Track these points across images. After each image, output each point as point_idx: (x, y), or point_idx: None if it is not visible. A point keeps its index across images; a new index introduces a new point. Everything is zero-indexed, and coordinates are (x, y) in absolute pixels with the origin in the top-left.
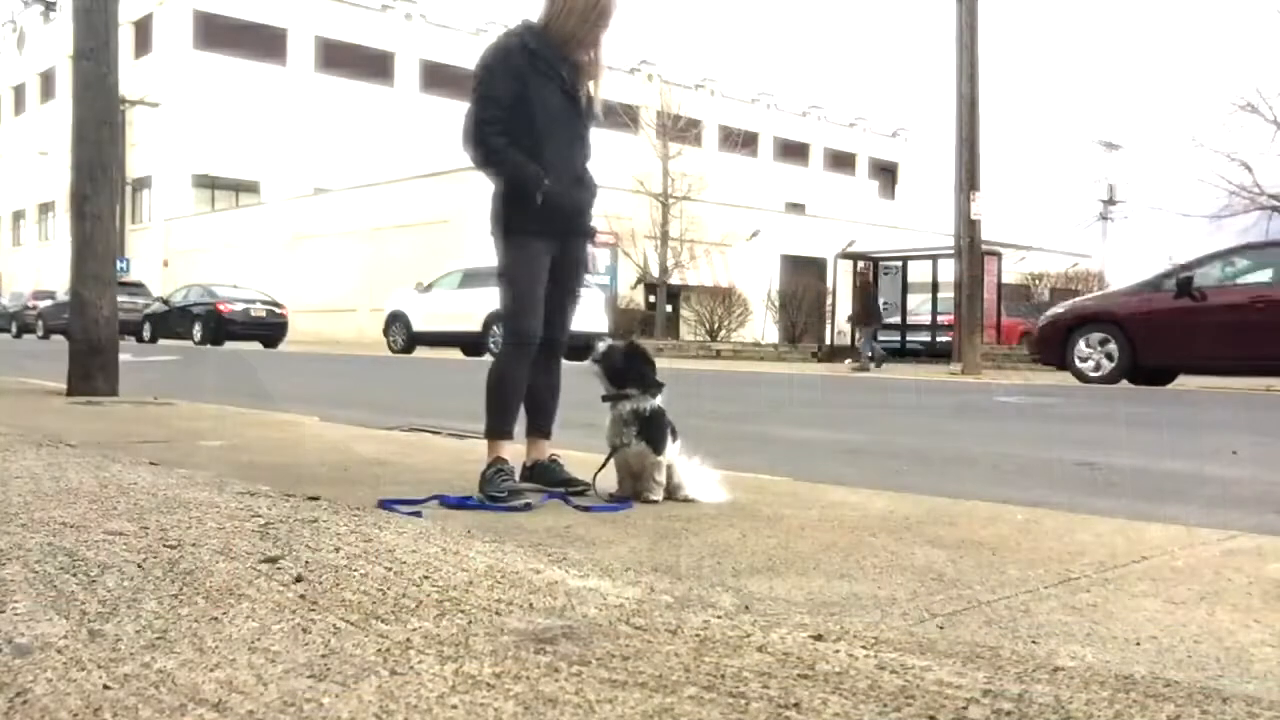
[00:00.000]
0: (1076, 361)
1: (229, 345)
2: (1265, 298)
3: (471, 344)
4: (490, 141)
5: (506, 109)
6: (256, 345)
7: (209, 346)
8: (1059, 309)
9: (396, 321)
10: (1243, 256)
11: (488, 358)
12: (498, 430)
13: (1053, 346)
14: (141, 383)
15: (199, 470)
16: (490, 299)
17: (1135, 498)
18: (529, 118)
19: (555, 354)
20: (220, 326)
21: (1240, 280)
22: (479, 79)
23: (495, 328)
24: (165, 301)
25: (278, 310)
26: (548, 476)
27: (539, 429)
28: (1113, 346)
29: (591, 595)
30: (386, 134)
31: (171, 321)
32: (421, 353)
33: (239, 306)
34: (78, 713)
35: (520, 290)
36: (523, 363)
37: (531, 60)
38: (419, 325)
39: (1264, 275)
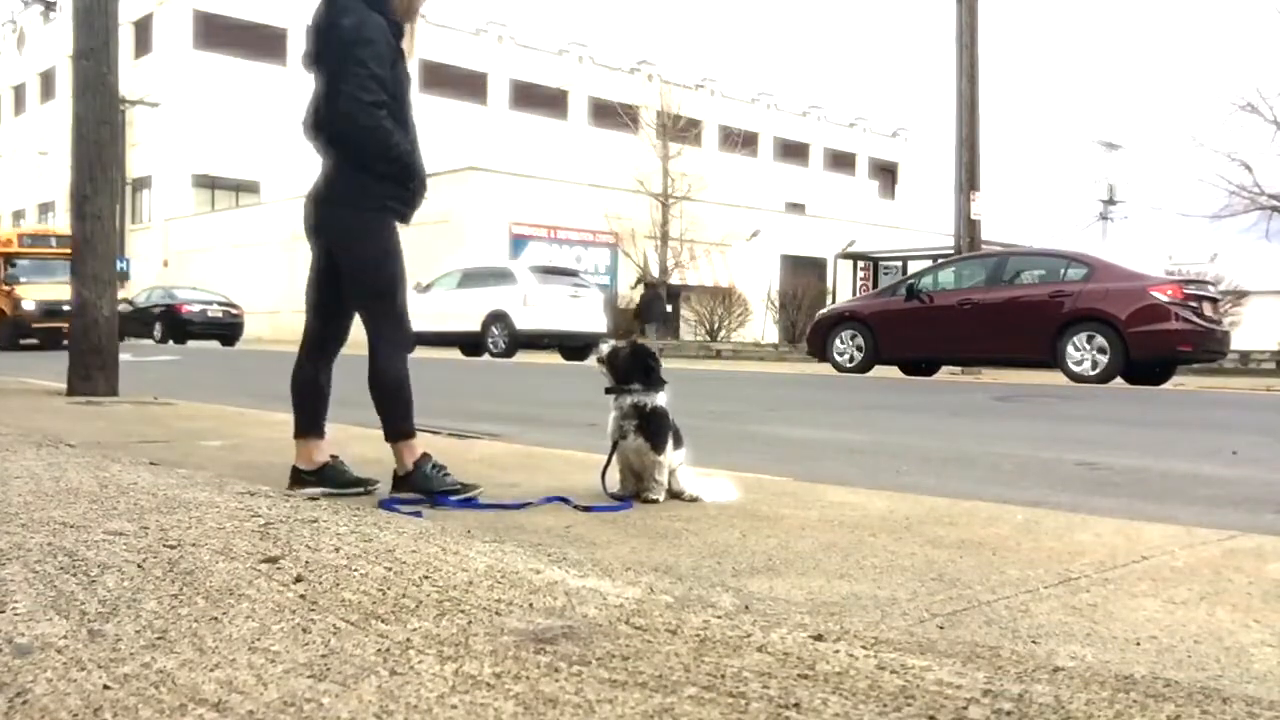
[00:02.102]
0: (835, 355)
1: (192, 344)
2: (970, 299)
3: (470, 343)
4: (385, 125)
5: (388, 91)
6: (215, 344)
7: (171, 344)
8: (824, 311)
9: None
10: (961, 264)
11: (487, 357)
12: (411, 430)
13: (816, 342)
14: (141, 383)
15: (199, 470)
16: (489, 299)
17: (1135, 498)
18: (399, 100)
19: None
20: (179, 326)
21: (955, 285)
22: (365, 57)
23: (494, 328)
24: (130, 302)
25: (233, 311)
26: (341, 478)
27: (322, 429)
28: (861, 341)
29: (591, 595)
30: None
31: (136, 321)
32: (422, 352)
33: (197, 307)
34: (78, 713)
35: (398, 274)
36: (406, 357)
37: (395, 34)
38: (418, 325)
39: (973, 280)
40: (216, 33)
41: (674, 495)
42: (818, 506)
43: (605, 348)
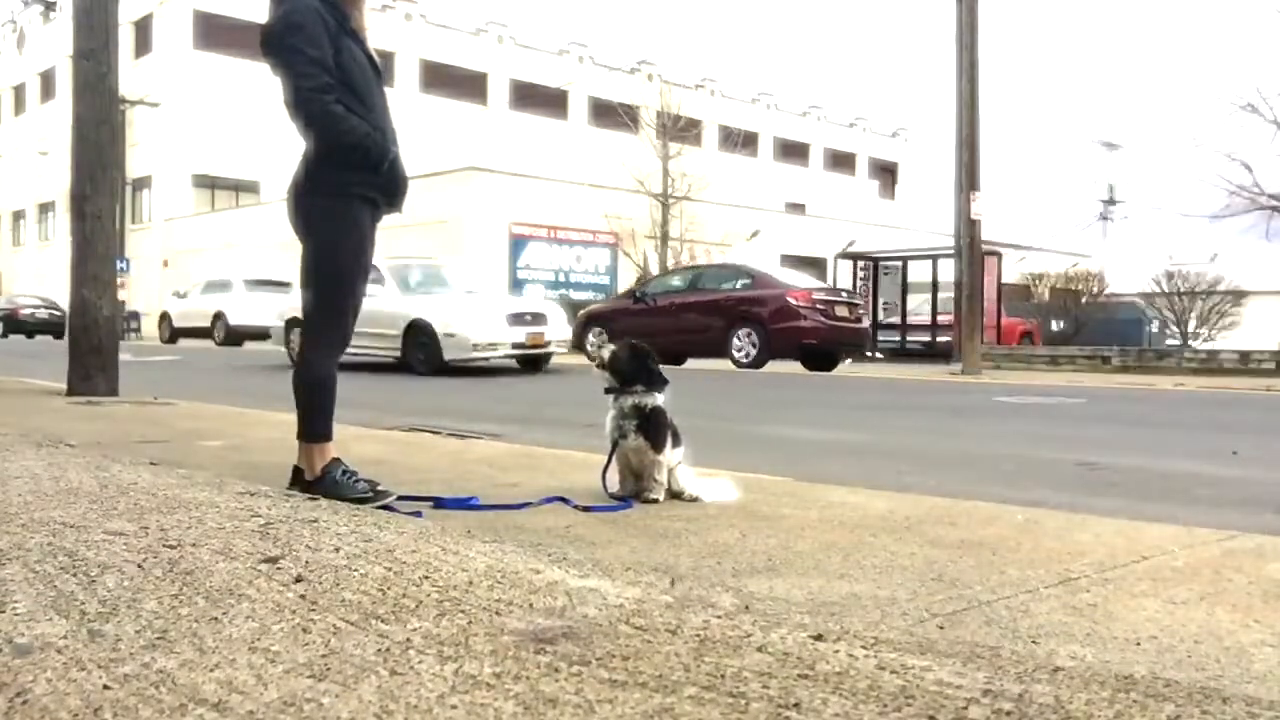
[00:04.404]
0: (586, 347)
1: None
2: (674, 302)
3: (206, 334)
4: (331, 110)
5: (333, 74)
6: (49, 337)
7: (10, 337)
8: (581, 312)
9: (164, 320)
10: (675, 274)
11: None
12: (327, 434)
13: (577, 336)
14: (141, 383)
15: (199, 470)
16: (215, 302)
17: (1135, 498)
18: (350, 81)
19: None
20: (19, 325)
21: (668, 290)
22: (297, 44)
23: (218, 324)
24: None
25: (56, 312)
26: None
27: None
28: (604, 336)
29: (591, 595)
30: None
31: None
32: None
33: (28, 310)
34: (78, 713)
35: (346, 268)
36: (337, 358)
37: (335, 15)
38: (180, 322)
39: (680, 287)
40: (216, 33)
41: (674, 495)
42: (818, 507)
43: (605, 352)
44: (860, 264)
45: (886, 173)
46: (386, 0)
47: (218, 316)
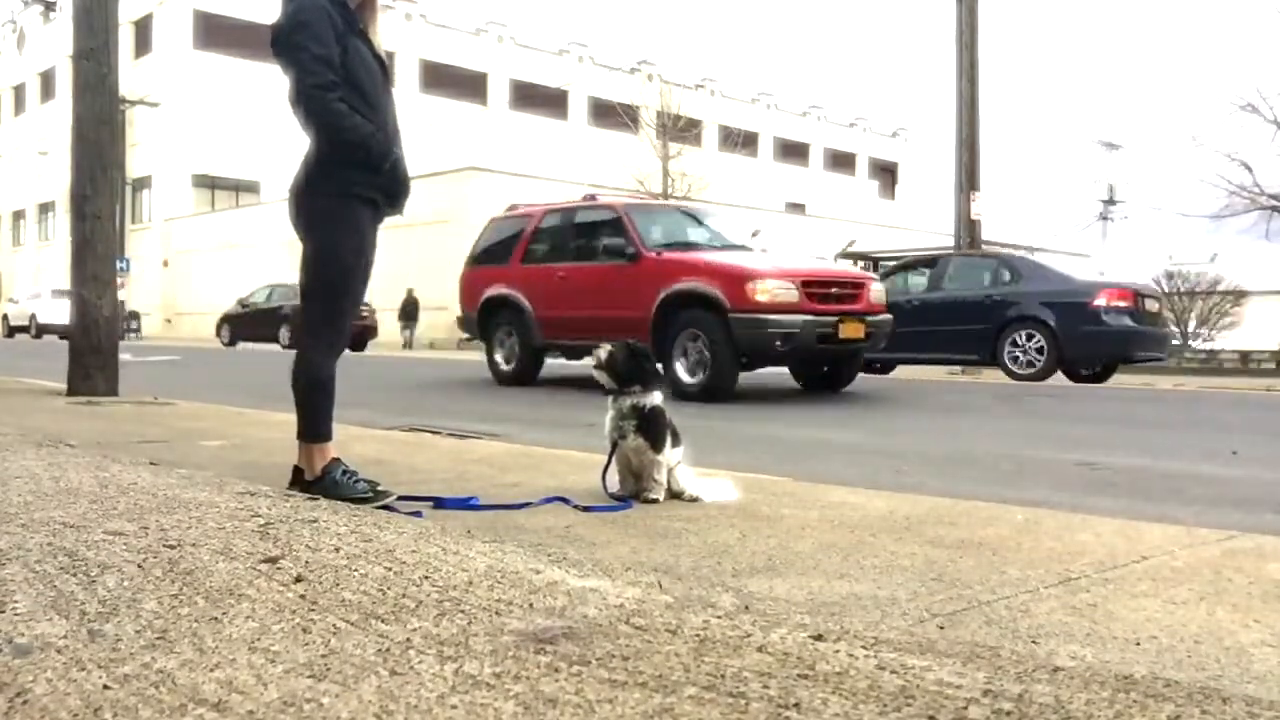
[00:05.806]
0: (220, 339)
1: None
2: (256, 309)
3: (24, 330)
4: (334, 108)
5: (339, 72)
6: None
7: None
8: (230, 310)
9: (4, 320)
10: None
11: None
12: (327, 434)
13: (219, 330)
14: (141, 383)
15: (199, 470)
16: (31, 306)
17: (1135, 498)
18: (355, 81)
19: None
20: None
21: (263, 298)
22: (303, 41)
23: (32, 324)
24: None
25: None
26: (349, 490)
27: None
28: (229, 331)
29: (591, 595)
30: None
31: None
32: (419, 353)
33: None
34: (78, 713)
35: (347, 268)
36: (337, 358)
37: (344, 15)
38: (13, 322)
39: (261, 297)
40: (216, 33)
41: (674, 495)
42: (818, 506)
43: (602, 352)
44: (860, 264)
45: (886, 173)
46: (386, 0)
47: (32, 317)
